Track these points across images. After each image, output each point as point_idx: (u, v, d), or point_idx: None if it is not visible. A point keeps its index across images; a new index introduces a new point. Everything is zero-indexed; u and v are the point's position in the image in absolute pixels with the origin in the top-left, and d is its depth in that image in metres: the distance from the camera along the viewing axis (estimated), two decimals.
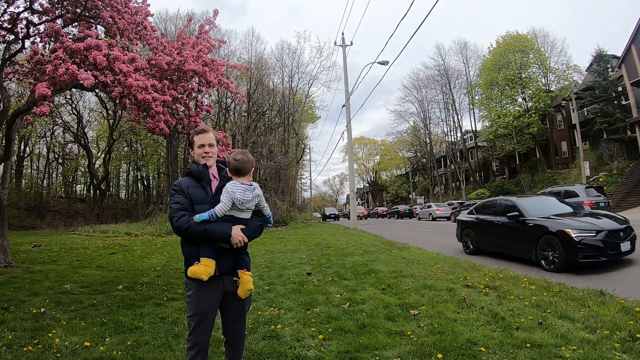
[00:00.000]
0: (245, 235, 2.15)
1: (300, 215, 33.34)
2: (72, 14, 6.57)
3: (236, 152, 2.30)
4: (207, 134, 2.33)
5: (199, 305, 2.17)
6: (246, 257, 2.28)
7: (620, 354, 2.72)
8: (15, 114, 7.16)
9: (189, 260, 2.18)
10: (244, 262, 2.24)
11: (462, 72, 42.99)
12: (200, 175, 2.28)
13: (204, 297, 2.17)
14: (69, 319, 4.08)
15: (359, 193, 76.14)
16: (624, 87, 27.34)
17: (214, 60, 6.43)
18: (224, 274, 2.19)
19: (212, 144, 2.33)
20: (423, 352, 2.93)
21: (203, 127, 2.40)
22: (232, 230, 2.12)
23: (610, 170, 26.77)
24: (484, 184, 39.99)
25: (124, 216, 34.69)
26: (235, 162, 2.23)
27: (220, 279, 2.19)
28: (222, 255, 2.16)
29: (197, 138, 2.33)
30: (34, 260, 8.93)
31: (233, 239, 2.11)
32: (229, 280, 2.21)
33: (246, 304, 2.32)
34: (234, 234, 2.11)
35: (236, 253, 2.21)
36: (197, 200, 2.20)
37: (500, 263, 7.04)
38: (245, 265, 2.24)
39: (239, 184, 2.19)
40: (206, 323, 2.20)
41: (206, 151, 2.29)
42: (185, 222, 2.10)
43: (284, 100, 34.77)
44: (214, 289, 2.18)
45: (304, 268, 7.09)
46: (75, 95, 31.54)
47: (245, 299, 2.27)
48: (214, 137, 2.36)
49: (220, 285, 2.20)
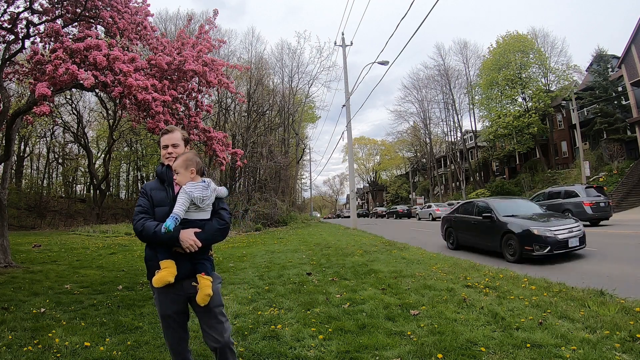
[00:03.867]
0: (201, 238, 2.08)
1: (300, 215, 33.36)
2: (72, 14, 6.58)
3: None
4: (171, 134, 2.32)
5: (161, 308, 2.22)
6: (206, 261, 2.18)
7: (620, 354, 2.72)
8: (15, 114, 7.16)
9: (148, 264, 2.20)
10: (202, 266, 2.15)
11: (462, 72, 43.05)
12: (162, 176, 2.28)
13: (163, 300, 2.19)
14: (69, 319, 4.08)
15: (359, 193, 76.13)
16: (624, 87, 27.34)
17: (214, 60, 6.43)
18: (182, 278, 2.12)
19: (176, 144, 2.30)
20: (423, 352, 2.93)
21: (168, 127, 2.40)
22: (180, 234, 2.04)
23: (610, 170, 26.77)
24: (484, 184, 39.98)
25: (124, 216, 34.66)
26: (184, 163, 2.20)
27: (180, 283, 2.13)
28: (178, 260, 2.10)
29: (162, 139, 2.34)
30: (34, 260, 8.93)
31: (183, 243, 2.04)
32: (188, 284, 2.15)
33: (215, 305, 2.18)
34: (182, 238, 2.04)
35: (194, 257, 2.13)
36: (157, 202, 2.19)
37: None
38: (204, 269, 2.14)
39: (195, 183, 2.16)
40: (173, 328, 2.22)
41: (169, 152, 2.28)
42: (140, 225, 2.10)
43: (284, 100, 34.79)
44: (173, 292, 2.15)
45: (304, 268, 7.09)
46: (75, 95, 31.53)
47: (211, 304, 2.13)
48: (179, 137, 2.33)
49: (181, 289, 2.16)
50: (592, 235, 11.42)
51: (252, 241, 14.02)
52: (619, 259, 7.00)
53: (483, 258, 8.00)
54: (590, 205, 14.34)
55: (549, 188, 18.75)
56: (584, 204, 14.42)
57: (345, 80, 22.24)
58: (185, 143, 2.37)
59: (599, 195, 15.01)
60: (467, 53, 42.69)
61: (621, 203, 22.78)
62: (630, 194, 24.03)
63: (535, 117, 32.20)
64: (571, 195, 15.30)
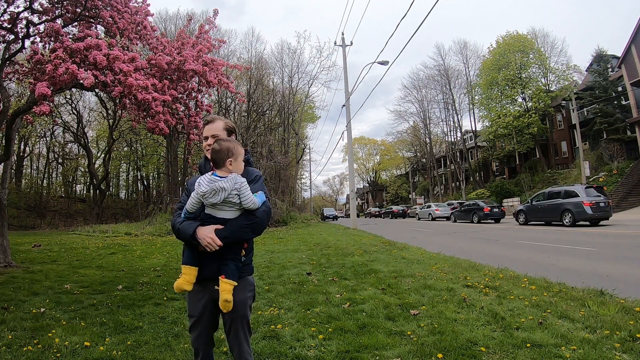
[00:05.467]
0: (222, 236, 1.87)
1: (300, 215, 33.34)
2: (72, 14, 6.57)
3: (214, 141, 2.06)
4: (212, 124, 2.14)
5: (189, 307, 2.13)
6: (231, 262, 1.94)
7: (620, 354, 2.72)
8: (15, 113, 7.16)
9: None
10: (224, 268, 1.92)
11: (462, 72, 43.09)
12: (201, 170, 2.16)
13: (190, 299, 2.09)
14: (69, 318, 4.08)
15: (359, 193, 76.12)
16: (624, 87, 27.36)
17: (213, 60, 6.43)
18: (207, 279, 1.96)
19: (217, 134, 2.10)
20: (423, 352, 2.93)
21: (210, 117, 2.22)
22: (197, 231, 1.89)
23: (610, 170, 26.79)
24: (484, 184, 39.99)
25: (124, 216, 34.69)
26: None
27: (206, 284, 1.99)
28: (205, 259, 1.96)
29: (203, 130, 2.16)
30: (33, 260, 8.93)
31: (201, 241, 1.88)
32: (213, 286, 1.96)
33: (237, 316, 2.01)
34: (199, 235, 1.88)
35: (222, 257, 1.93)
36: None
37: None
38: (225, 271, 1.91)
39: (207, 176, 1.95)
40: (198, 329, 2.10)
41: (209, 143, 2.09)
42: (173, 221, 2.06)
43: (284, 100, 34.80)
44: (201, 293, 2.03)
45: (304, 268, 7.09)
46: (75, 95, 31.56)
47: (236, 310, 1.95)
48: (221, 127, 2.14)
49: (207, 290, 2.01)
50: (592, 235, 11.43)
51: None
52: (619, 259, 7.01)
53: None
54: (590, 205, 14.33)
55: (549, 188, 18.77)
56: (584, 204, 14.42)
57: (345, 80, 22.26)
58: (228, 133, 2.14)
59: (599, 195, 15.01)
60: (467, 53, 42.79)
61: (621, 203, 22.79)
62: (630, 194, 24.05)
63: (535, 117, 32.21)
64: (571, 195, 15.30)
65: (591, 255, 7.62)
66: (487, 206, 21.38)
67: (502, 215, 21.66)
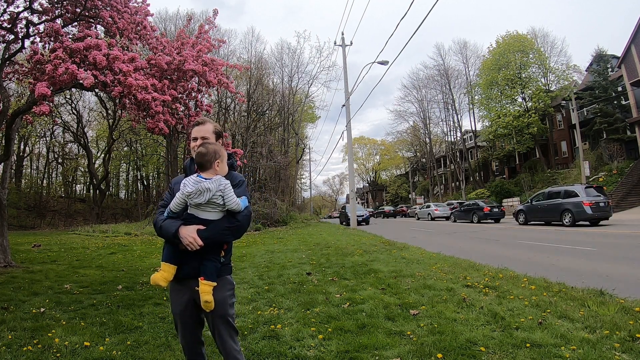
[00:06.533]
0: (203, 236, 1.91)
1: (300, 215, 33.37)
2: (72, 14, 6.57)
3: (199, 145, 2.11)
4: (202, 126, 2.20)
5: (172, 306, 2.16)
6: (210, 262, 1.98)
7: (620, 354, 2.72)
8: (15, 113, 7.16)
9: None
10: (203, 269, 1.96)
11: (462, 72, 43.08)
12: (185, 170, 2.20)
13: (173, 297, 2.13)
14: (69, 318, 4.08)
15: (359, 193, 76.11)
16: (624, 87, 27.37)
17: (213, 60, 6.43)
18: (187, 277, 2.00)
19: (206, 137, 2.15)
20: (423, 352, 2.93)
21: (199, 119, 2.28)
22: (179, 230, 1.93)
23: (610, 170, 26.80)
24: (483, 184, 39.99)
25: (124, 216, 34.70)
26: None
27: (187, 283, 2.01)
28: (185, 258, 1.99)
29: (192, 131, 2.23)
30: (33, 260, 8.92)
31: (183, 240, 1.91)
32: (193, 285, 2.00)
33: (217, 315, 2.01)
34: (182, 234, 1.91)
35: (202, 256, 1.97)
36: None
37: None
38: (205, 273, 1.94)
39: (192, 177, 2.00)
40: (181, 326, 2.13)
41: (197, 144, 2.14)
42: (155, 220, 2.08)
43: (284, 100, 34.81)
44: (182, 292, 2.05)
45: (303, 268, 7.09)
46: (75, 95, 31.53)
47: (216, 309, 1.97)
48: (211, 129, 2.19)
49: (187, 289, 2.03)
50: (592, 235, 11.43)
51: (252, 241, 14.02)
52: (619, 259, 7.01)
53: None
54: (589, 205, 14.34)
55: (549, 188, 18.76)
56: (584, 203, 14.42)
57: (345, 80, 22.27)
58: (216, 136, 2.21)
59: (599, 195, 15.01)
60: (467, 53, 42.77)
61: (621, 203, 22.80)
62: (630, 194, 24.06)
63: (535, 117, 32.21)
64: (571, 195, 15.30)
65: (591, 255, 7.62)
66: (487, 206, 21.40)
67: (502, 215, 21.67)
